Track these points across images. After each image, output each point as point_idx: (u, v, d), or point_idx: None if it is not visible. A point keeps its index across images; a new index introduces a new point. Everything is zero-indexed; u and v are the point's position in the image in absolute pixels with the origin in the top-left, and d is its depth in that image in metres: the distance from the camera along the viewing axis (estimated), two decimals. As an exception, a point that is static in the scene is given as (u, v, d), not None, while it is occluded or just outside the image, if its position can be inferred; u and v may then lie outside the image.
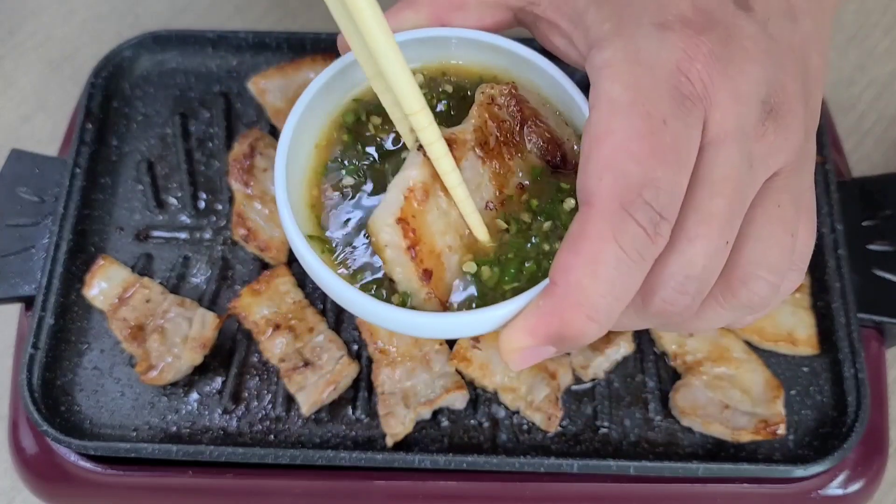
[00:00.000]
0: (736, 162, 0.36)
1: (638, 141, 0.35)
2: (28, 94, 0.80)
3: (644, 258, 0.35)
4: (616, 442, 0.58)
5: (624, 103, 0.35)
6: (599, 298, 0.35)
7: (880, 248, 0.62)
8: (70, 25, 0.83)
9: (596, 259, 0.34)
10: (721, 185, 0.36)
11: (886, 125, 0.75)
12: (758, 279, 0.38)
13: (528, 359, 0.37)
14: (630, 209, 0.34)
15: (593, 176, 0.35)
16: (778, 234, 0.38)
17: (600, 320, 0.35)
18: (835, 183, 0.64)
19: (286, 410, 0.59)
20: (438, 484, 0.56)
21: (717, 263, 0.37)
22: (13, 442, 0.58)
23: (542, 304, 0.36)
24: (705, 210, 0.36)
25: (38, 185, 0.65)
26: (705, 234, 0.36)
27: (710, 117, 0.36)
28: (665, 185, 0.35)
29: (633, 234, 0.34)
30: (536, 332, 0.36)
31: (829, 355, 0.60)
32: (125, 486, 0.57)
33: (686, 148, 0.35)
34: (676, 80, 0.36)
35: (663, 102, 0.35)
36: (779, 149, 0.38)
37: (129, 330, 0.60)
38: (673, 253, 0.36)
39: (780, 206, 0.38)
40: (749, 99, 0.37)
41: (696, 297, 0.37)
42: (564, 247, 0.35)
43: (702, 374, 0.58)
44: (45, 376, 0.59)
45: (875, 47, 0.79)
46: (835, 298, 0.60)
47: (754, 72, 0.37)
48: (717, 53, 0.36)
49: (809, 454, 0.57)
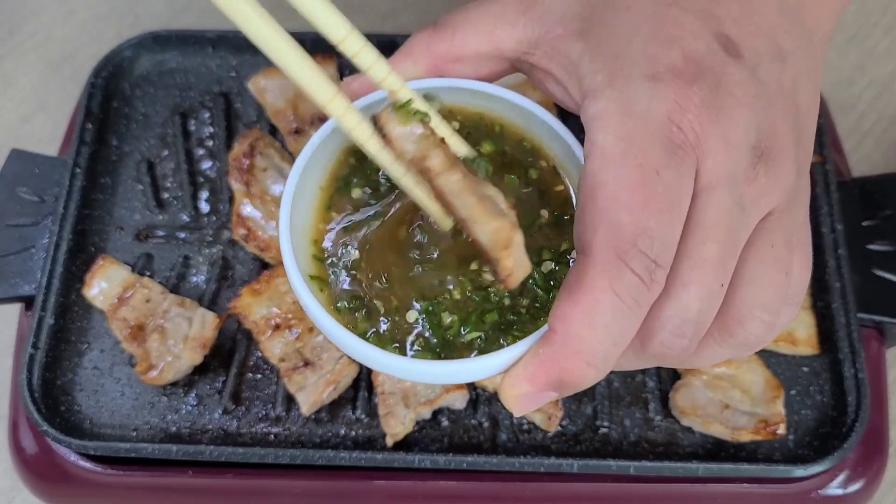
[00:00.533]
0: (727, 207, 0.37)
1: (631, 192, 0.35)
2: (28, 94, 0.80)
3: (640, 304, 0.36)
4: (616, 442, 0.58)
5: (616, 155, 0.36)
6: (598, 345, 0.36)
7: (880, 247, 0.62)
8: (70, 25, 0.83)
9: (593, 308, 0.35)
10: (713, 231, 0.37)
11: (886, 125, 0.75)
12: (753, 319, 0.39)
13: (529, 404, 0.38)
14: (625, 259, 0.35)
15: (588, 227, 0.36)
16: (772, 273, 0.39)
17: (599, 366, 0.36)
18: (835, 183, 0.64)
19: (286, 410, 0.59)
20: (438, 484, 0.56)
21: (713, 306, 0.38)
22: (13, 442, 0.58)
23: (541, 353, 0.37)
24: (698, 255, 0.36)
25: (38, 185, 0.65)
26: (699, 279, 0.36)
27: (702, 165, 0.37)
28: (659, 234, 0.35)
29: (629, 282, 0.35)
30: (537, 379, 0.37)
31: (829, 355, 0.60)
32: (125, 485, 0.57)
33: (678, 196, 0.36)
34: (668, 130, 0.36)
35: (655, 153, 0.36)
36: (771, 190, 0.38)
37: (129, 330, 0.60)
38: (669, 298, 0.37)
39: (773, 247, 0.39)
40: (740, 145, 0.37)
41: (694, 339, 0.38)
42: (562, 296, 0.36)
43: (702, 374, 0.58)
44: (45, 376, 0.59)
45: (875, 47, 0.79)
46: (835, 298, 0.60)
47: (744, 118, 0.38)
48: (707, 102, 0.37)
49: (809, 454, 0.57)
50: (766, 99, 0.39)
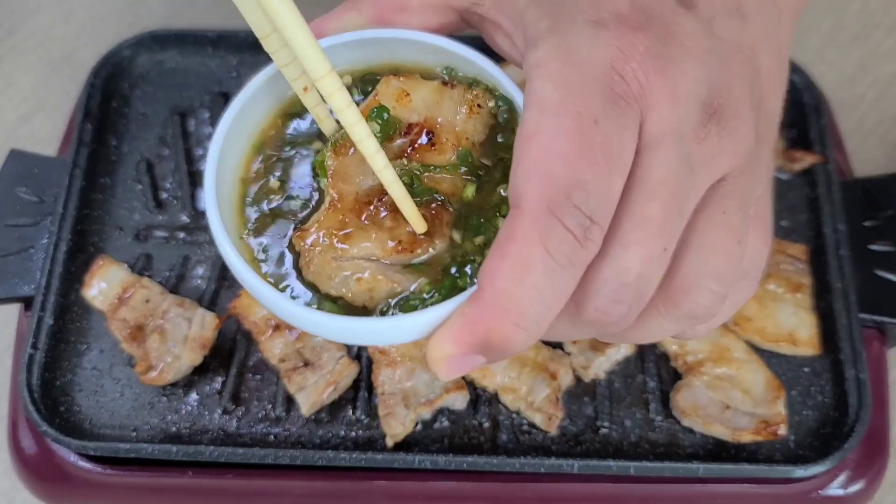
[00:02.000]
0: (673, 165, 0.34)
1: (566, 141, 0.33)
2: (27, 93, 0.80)
3: (574, 264, 0.33)
4: (616, 442, 0.57)
5: (554, 102, 0.34)
6: (526, 305, 0.33)
7: (882, 248, 0.62)
8: (69, 25, 0.83)
9: (523, 264, 0.33)
10: (657, 189, 0.34)
11: (889, 125, 0.75)
12: (700, 288, 0.36)
13: (455, 368, 0.36)
14: (557, 212, 0.33)
15: (521, 178, 0.34)
16: (722, 241, 0.36)
17: (528, 328, 0.34)
18: (837, 183, 0.64)
19: (286, 411, 0.58)
20: (439, 484, 0.55)
21: (655, 271, 0.35)
22: (12, 442, 0.58)
23: (467, 312, 0.34)
24: (640, 215, 0.34)
25: (38, 185, 0.65)
26: (640, 240, 0.34)
27: (647, 118, 0.35)
28: (595, 188, 0.33)
29: (561, 238, 0.33)
30: (462, 340, 0.34)
31: (830, 356, 0.60)
32: (125, 486, 0.57)
33: (619, 149, 0.34)
34: (609, 78, 0.34)
35: (595, 102, 0.34)
36: (723, 152, 0.36)
37: (128, 330, 0.59)
38: (605, 259, 0.34)
39: (725, 213, 0.36)
40: (688, 99, 0.35)
41: (633, 305, 0.35)
42: (492, 251, 0.34)
43: (703, 375, 0.58)
44: (44, 376, 0.58)
45: (878, 47, 0.79)
46: (836, 299, 0.60)
47: (694, 71, 0.35)
48: (654, 52, 0.35)
49: (810, 454, 0.56)
50: (720, 55, 0.37)
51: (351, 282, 0.39)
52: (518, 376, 0.58)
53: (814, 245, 0.63)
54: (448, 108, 0.41)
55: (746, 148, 0.37)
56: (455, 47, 0.43)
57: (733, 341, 0.59)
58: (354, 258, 0.39)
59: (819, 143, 0.66)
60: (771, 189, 0.40)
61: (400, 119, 0.41)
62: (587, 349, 0.59)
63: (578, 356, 0.59)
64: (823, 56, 0.78)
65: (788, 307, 0.61)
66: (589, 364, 0.58)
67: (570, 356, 0.59)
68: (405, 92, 0.41)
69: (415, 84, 0.42)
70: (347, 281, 0.39)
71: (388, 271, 0.39)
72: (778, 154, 0.66)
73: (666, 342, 0.60)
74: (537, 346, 0.59)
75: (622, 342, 0.40)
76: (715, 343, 0.59)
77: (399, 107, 0.41)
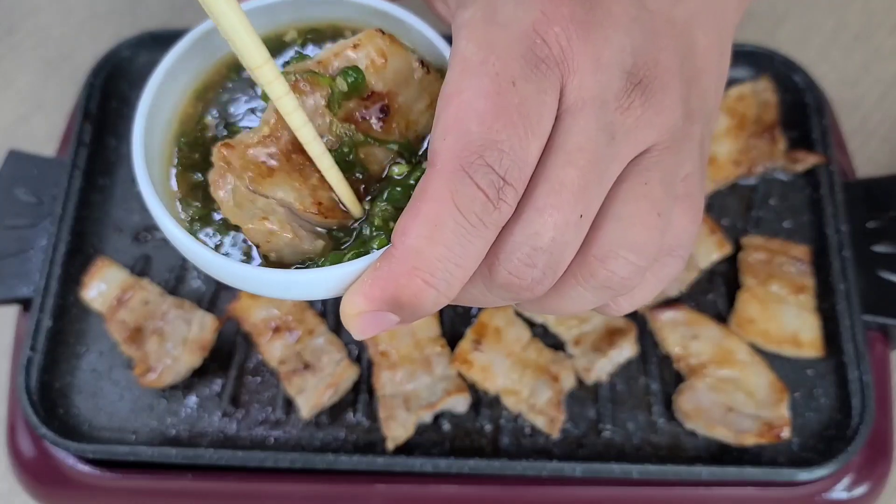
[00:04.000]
0: (593, 132, 0.34)
1: (483, 101, 0.33)
2: (26, 94, 0.79)
3: (485, 224, 0.33)
4: (619, 445, 0.57)
5: (475, 63, 0.34)
6: (436, 262, 0.33)
7: (885, 249, 0.61)
8: (68, 25, 0.83)
9: (433, 221, 0.33)
10: (575, 155, 0.34)
11: (891, 125, 0.75)
12: (617, 258, 0.36)
13: (367, 326, 0.35)
14: (469, 170, 0.33)
15: (437, 136, 0.34)
16: (642, 212, 0.36)
17: (438, 286, 0.34)
18: (839, 183, 0.64)
19: (286, 413, 0.58)
20: (440, 488, 0.55)
21: (570, 238, 0.35)
22: (11, 445, 0.58)
23: (379, 267, 0.35)
24: (556, 179, 0.34)
25: (36, 186, 0.64)
26: (554, 205, 0.34)
27: (568, 83, 0.34)
28: (509, 149, 0.33)
29: (473, 196, 0.33)
30: (372, 295, 0.35)
31: (833, 358, 0.59)
32: (124, 489, 0.56)
33: (537, 113, 0.34)
34: (531, 41, 0.34)
35: (515, 63, 0.34)
36: (647, 124, 0.36)
37: (127, 332, 0.59)
38: (519, 222, 0.34)
39: (646, 184, 0.36)
40: (611, 67, 0.35)
41: (547, 271, 0.35)
42: (406, 209, 0.34)
43: (706, 377, 0.58)
44: (42, 379, 0.58)
45: (880, 47, 0.79)
46: (839, 300, 0.60)
47: (619, 39, 0.35)
48: (578, 17, 0.35)
49: (814, 457, 0.56)
50: (649, 27, 0.37)
51: (256, 219, 0.38)
52: (520, 379, 0.58)
53: (816, 246, 0.63)
54: (412, 91, 0.40)
55: (672, 122, 0.37)
56: (393, 10, 0.42)
57: (736, 343, 0.59)
58: (269, 198, 0.38)
59: (821, 143, 0.65)
60: (704, 169, 0.40)
61: (367, 84, 0.40)
62: (589, 351, 0.59)
63: (581, 358, 0.59)
64: (825, 56, 0.78)
65: (791, 309, 0.60)
66: (591, 366, 0.58)
67: (572, 358, 0.59)
68: (384, 56, 0.40)
69: (396, 50, 0.40)
70: (254, 216, 0.38)
71: (296, 224, 0.38)
72: (780, 154, 0.66)
73: (668, 343, 0.59)
74: (539, 349, 0.59)
75: (542, 312, 0.40)
76: (718, 345, 0.59)
77: (371, 69, 0.40)
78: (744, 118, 0.67)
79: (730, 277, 0.63)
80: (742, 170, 0.66)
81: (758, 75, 0.69)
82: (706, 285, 0.63)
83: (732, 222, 0.65)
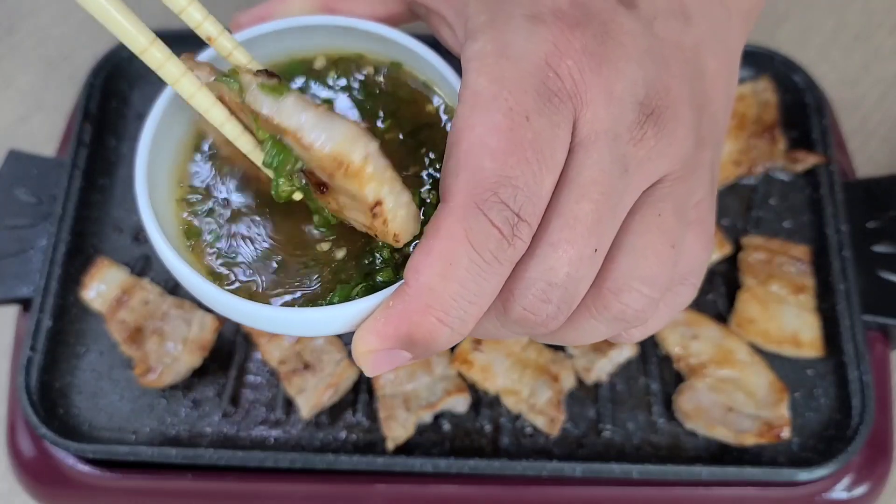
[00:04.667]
0: (607, 165, 0.34)
1: (496, 137, 0.33)
2: (26, 94, 0.79)
3: (500, 261, 0.33)
4: (619, 445, 0.57)
5: (487, 97, 0.33)
6: (450, 301, 0.33)
7: (885, 249, 0.61)
8: (68, 25, 0.83)
9: (447, 259, 0.33)
10: (589, 189, 0.34)
11: (892, 125, 0.75)
12: (631, 291, 0.35)
13: (380, 364, 0.35)
14: (484, 207, 0.32)
15: (450, 173, 0.33)
16: (655, 244, 0.36)
17: (453, 324, 0.34)
18: (839, 184, 0.64)
19: (286, 414, 0.58)
20: (440, 488, 0.55)
21: (585, 272, 0.35)
22: (11, 445, 0.58)
23: (392, 305, 0.34)
24: (570, 214, 0.34)
25: (36, 186, 0.64)
26: (569, 240, 0.34)
27: (581, 117, 0.34)
28: (524, 185, 0.33)
29: (487, 233, 0.32)
30: (385, 334, 0.34)
31: (833, 358, 0.59)
32: (124, 489, 0.56)
33: (550, 147, 0.33)
34: (544, 74, 0.34)
35: (528, 98, 0.33)
36: (660, 155, 0.36)
37: (127, 332, 0.59)
38: (534, 258, 0.34)
39: (660, 216, 0.36)
40: (624, 99, 0.35)
41: (562, 306, 0.35)
42: (419, 246, 0.34)
43: (706, 377, 0.58)
44: (42, 379, 0.58)
45: (880, 47, 0.79)
46: (839, 300, 0.59)
47: (631, 71, 0.35)
48: (590, 50, 0.34)
49: (814, 457, 0.56)
50: (660, 55, 0.36)
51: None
52: (520, 379, 0.58)
53: (816, 246, 0.63)
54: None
55: (685, 151, 0.37)
56: (413, 45, 0.42)
57: (736, 343, 0.59)
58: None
59: (821, 143, 0.65)
60: (715, 194, 0.40)
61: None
62: (589, 351, 0.59)
63: (580, 358, 0.59)
64: (825, 56, 0.78)
65: (791, 309, 0.60)
66: (591, 366, 0.58)
67: (572, 358, 0.59)
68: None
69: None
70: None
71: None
72: (780, 154, 0.66)
73: (668, 343, 0.59)
74: (539, 349, 0.59)
75: (555, 343, 0.40)
76: (718, 345, 0.59)
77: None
78: (744, 118, 0.67)
79: (730, 277, 0.63)
80: (742, 170, 0.66)
81: (758, 75, 0.69)
82: (706, 285, 0.63)
83: (732, 222, 0.65)
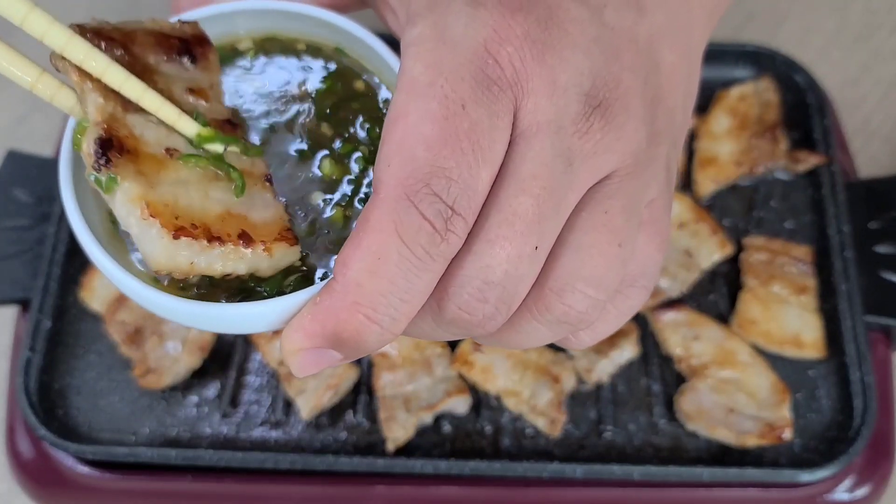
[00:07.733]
0: (549, 158, 0.32)
1: (430, 124, 0.31)
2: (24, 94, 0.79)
3: (432, 256, 0.31)
4: (620, 446, 0.57)
5: (423, 84, 0.32)
6: (379, 297, 0.31)
7: (887, 250, 0.61)
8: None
9: (376, 253, 0.31)
10: (529, 183, 0.32)
11: (893, 125, 0.75)
12: (574, 291, 0.33)
13: (309, 363, 0.33)
14: (415, 199, 0.31)
15: (382, 162, 0.32)
16: (601, 243, 0.34)
17: (382, 323, 0.32)
18: (841, 184, 0.63)
19: (286, 415, 0.58)
20: (440, 490, 0.55)
21: (524, 271, 0.33)
22: (10, 446, 0.58)
23: (319, 301, 0.32)
24: (508, 209, 0.32)
25: (35, 186, 0.64)
26: (507, 236, 0.32)
27: (522, 107, 0.32)
28: (458, 177, 0.31)
29: (418, 227, 0.31)
30: (312, 332, 0.32)
31: (835, 358, 0.59)
32: (123, 490, 0.56)
33: (488, 138, 0.32)
34: (483, 61, 0.32)
35: (465, 85, 0.32)
36: (607, 149, 0.34)
37: (126, 333, 0.59)
38: (469, 255, 0.32)
39: (606, 213, 0.34)
40: (568, 89, 0.33)
41: (500, 306, 0.33)
42: (348, 239, 0.32)
43: (707, 378, 0.58)
44: (41, 380, 0.58)
45: (881, 47, 0.79)
46: (841, 301, 0.59)
47: (577, 59, 0.33)
48: (533, 36, 0.33)
49: (815, 458, 0.56)
50: (609, 45, 0.35)
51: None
52: (520, 380, 0.57)
53: (818, 246, 0.63)
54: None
55: (635, 146, 0.35)
56: (350, 26, 0.41)
57: (738, 344, 0.59)
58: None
59: (823, 143, 0.65)
60: (672, 192, 0.38)
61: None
62: (590, 352, 0.58)
63: (581, 359, 0.59)
64: (827, 56, 0.78)
65: (793, 310, 0.60)
66: (592, 367, 0.58)
67: (573, 359, 0.59)
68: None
69: None
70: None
71: None
72: (782, 155, 0.65)
73: (670, 344, 0.59)
74: (540, 350, 0.59)
75: (498, 346, 0.39)
76: (719, 346, 0.59)
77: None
78: (745, 118, 0.67)
79: (731, 278, 0.63)
80: (743, 170, 0.65)
81: (759, 75, 0.69)
82: (708, 286, 0.62)
83: (734, 223, 0.65)
